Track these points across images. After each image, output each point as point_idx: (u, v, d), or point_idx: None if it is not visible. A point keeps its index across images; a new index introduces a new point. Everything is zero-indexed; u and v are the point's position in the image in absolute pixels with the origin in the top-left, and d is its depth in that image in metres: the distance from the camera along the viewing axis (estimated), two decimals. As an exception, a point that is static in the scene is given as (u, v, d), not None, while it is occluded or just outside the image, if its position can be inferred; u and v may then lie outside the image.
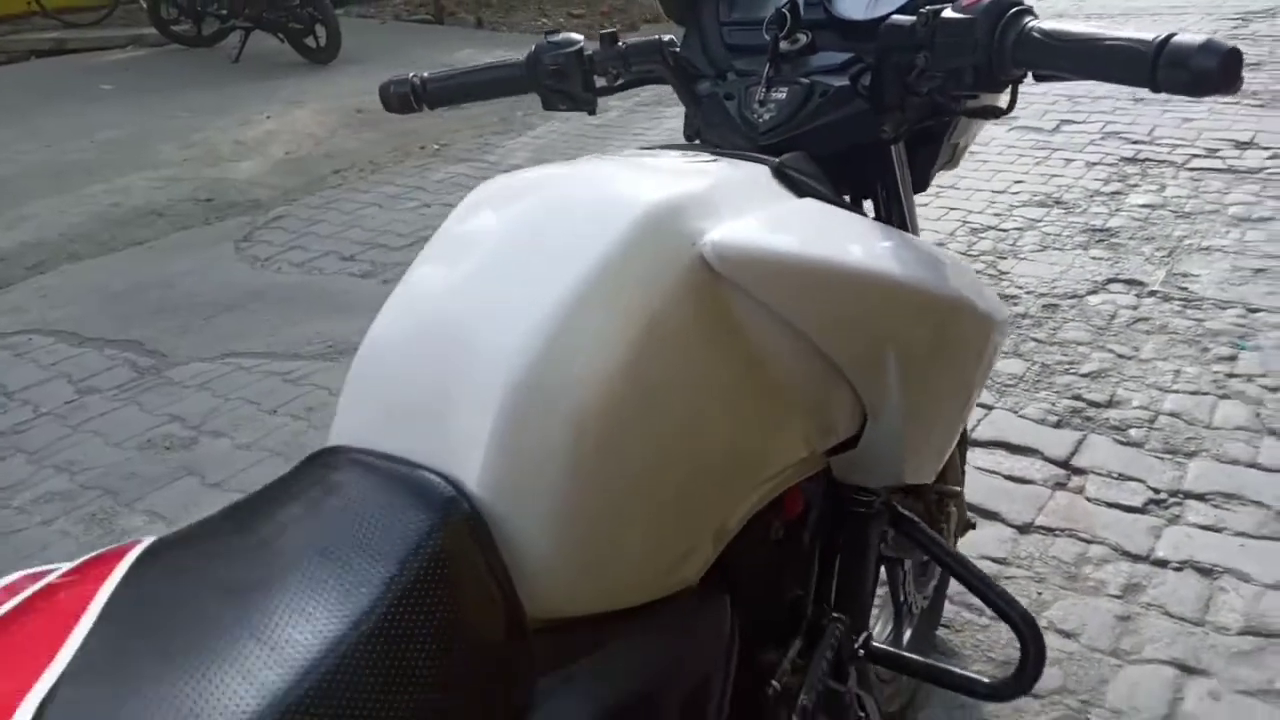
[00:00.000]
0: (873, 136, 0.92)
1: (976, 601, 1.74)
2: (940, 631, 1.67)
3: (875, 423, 0.85)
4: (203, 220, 4.23)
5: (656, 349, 0.67)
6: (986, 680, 1.04)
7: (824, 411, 0.82)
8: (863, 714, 1.00)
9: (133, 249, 3.93)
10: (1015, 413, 2.29)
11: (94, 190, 4.52)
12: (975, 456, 2.13)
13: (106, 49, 7.61)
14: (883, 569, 1.30)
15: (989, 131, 4.34)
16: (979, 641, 1.66)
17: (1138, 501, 1.96)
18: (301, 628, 0.50)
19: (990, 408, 2.31)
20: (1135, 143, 4.15)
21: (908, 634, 1.53)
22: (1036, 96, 4.83)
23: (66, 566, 0.54)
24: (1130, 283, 2.90)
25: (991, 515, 1.94)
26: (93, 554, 0.55)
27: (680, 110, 1.15)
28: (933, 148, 1.03)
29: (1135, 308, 2.75)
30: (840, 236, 0.79)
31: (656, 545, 0.69)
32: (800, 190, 0.85)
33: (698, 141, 1.10)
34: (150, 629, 0.49)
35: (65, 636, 0.47)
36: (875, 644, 1.04)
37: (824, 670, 0.93)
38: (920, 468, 0.93)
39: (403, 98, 1.18)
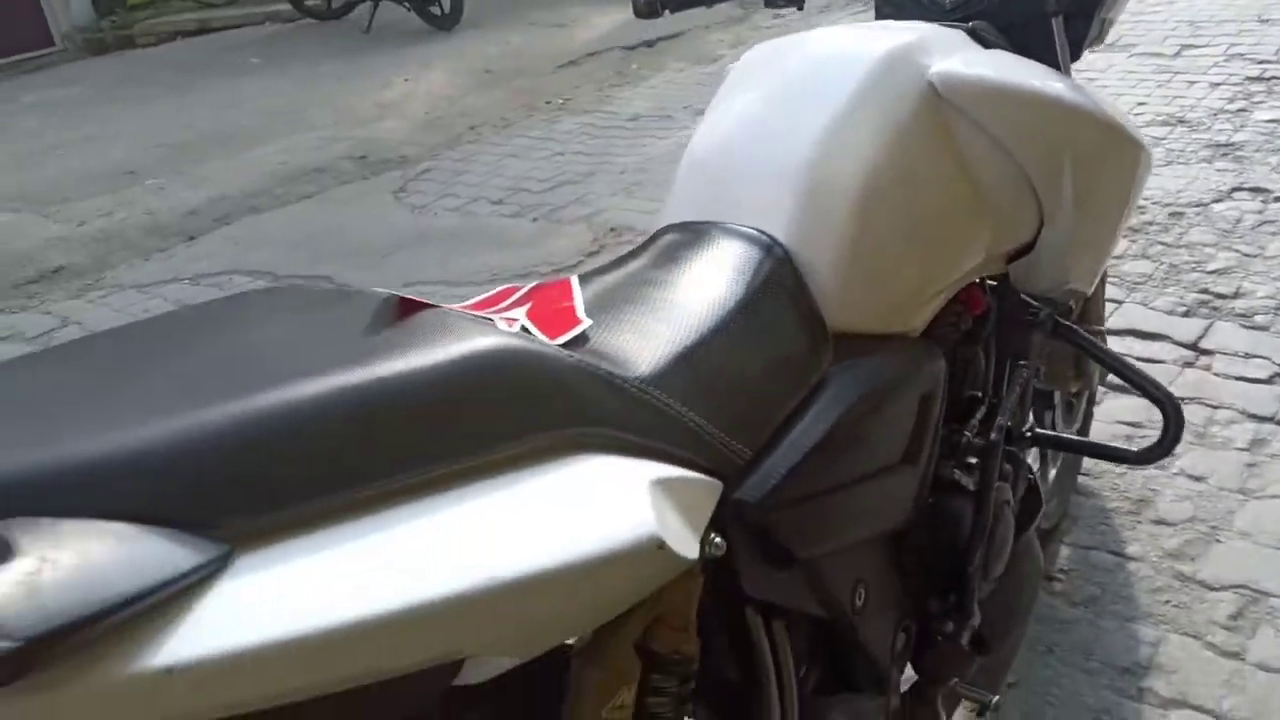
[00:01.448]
0: (1038, 10, 1.17)
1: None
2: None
3: (1051, 226, 1.10)
4: (360, 175, 4.62)
5: (901, 147, 0.95)
6: (1135, 450, 1.29)
7: (1012, 213, 1.08)
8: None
9: (303, 202, 4.35)
10: (1145, 305, 2.47)
11: (261, 152, 4.96)
12: (1107, 342, 2.32)
13: (245, 26, 8.13)
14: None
15: (1108, 58, 4.42)
16: (1115, 485, 1.88)
17: (1263, 375, 2.13)
18: (695, 311, 0.79)
19: (1120, 302, 2.49)
20: (1261, 62, 4.17)
21: (1053, 472, 1.77)
22: (1157, 23, 4.86)
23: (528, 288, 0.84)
24: (1256, 190, 3.01)
25: (1124, 390, 2.14)
26: (541, 284, 0.84)
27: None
28: (1085, 21, 1.26)
29: (1261, 212, 2.87)
30: (1033, 72, 1.06)
31: (907, 285, 0.97)
32: (989, 47, 1.11)
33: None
34: (607, 310, 0.79)
35: (570, 300, 0.78)
36: (1039, 430, 1.29)
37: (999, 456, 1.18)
38: (1082, 273, 1.17)
39: (650, 4, 1.45)
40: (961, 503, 1.08)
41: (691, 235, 0.92)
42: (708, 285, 0.84)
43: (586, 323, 0.74)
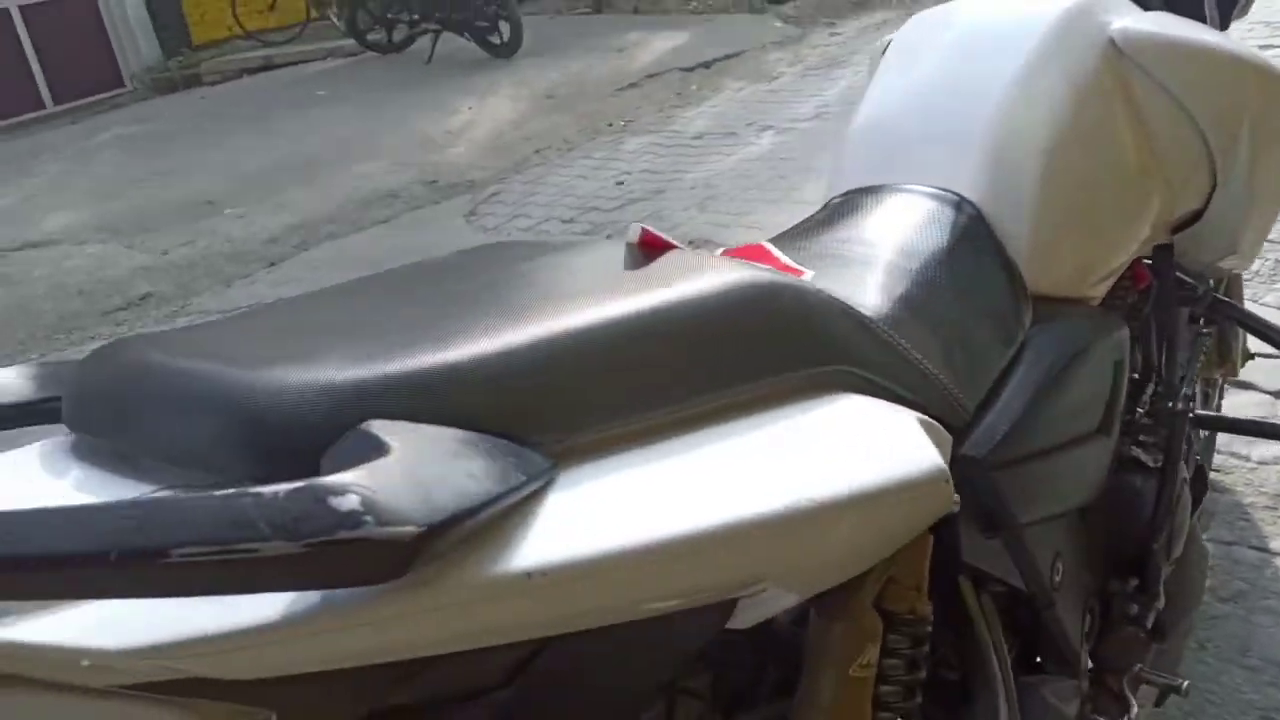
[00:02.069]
0: None
1: (1242, 449, 1.91)
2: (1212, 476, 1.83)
3: (1223, 189, 1.07)
4: (431, 200, 4.69)
5: (1085, 105, 0.94)
6: None
7: (1185, 177, 1.05)
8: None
9: (378, 226, 4.42)
10: (1255, 301, 2.40)
11: (335, 179, 5.05)
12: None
13: (308, 62, 8.32)
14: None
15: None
16: (1249, 480, 1.82)
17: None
18: (908, 266, 0.78)
19: (1228, 298, 2.43)
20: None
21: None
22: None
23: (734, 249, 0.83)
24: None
25: (1247, 385, 2.08)
26: (742, 246, 0.84)
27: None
28: None
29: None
30: (1208, 31, 1.04)
31: (1093, 249, 0.95)
32: (1149, 9, 1.09)
33: None
34: (819, 267, 0.79)
35: (773, 256, 0.77)
36: (1200, 411, 1.25)
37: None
38: (1248, 244, 1.14)
39: None
40: (1145, 480, 1.05)
41: (875, 197, 0.91)
42: (910, 239, 0.83)
43: (809, 273, 0.74)
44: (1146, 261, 1.22)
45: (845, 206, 0.93)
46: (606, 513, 0.47)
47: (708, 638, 0.55)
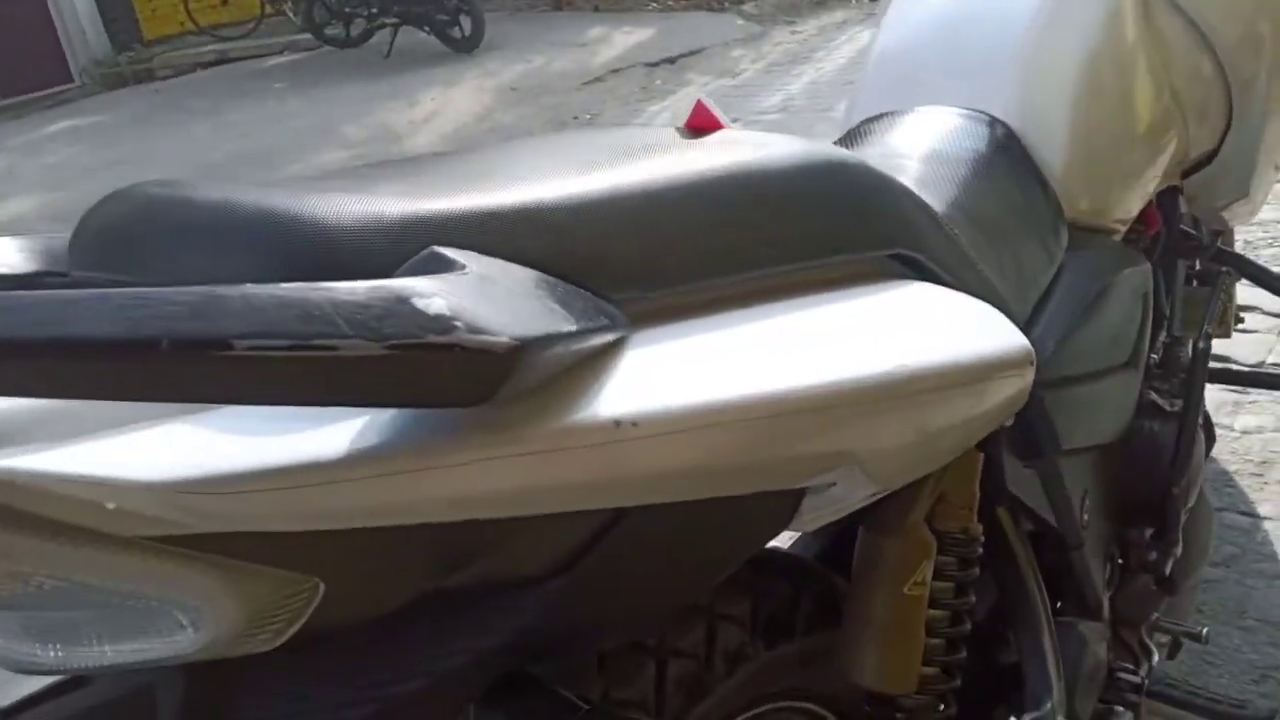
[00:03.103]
0: None
1: (1226, 419, 1.91)
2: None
3: (1238, 128, 1.05)
4: (394, 189, 4.61)
5: (1115, 29, 0.92)
6: None
7: (1202, 111, 1.03)
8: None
9: (341, 215, 4.32)
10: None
11: (294, 169, 4.94)
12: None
13: (264, 56, 8.17)
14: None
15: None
16: (1234, 449, 1.83)
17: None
18: (951, 178, 0.75)
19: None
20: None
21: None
22: None
23: None
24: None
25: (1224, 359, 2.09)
26: None
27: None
28: None
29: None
30: None
31: (1122, 178, 0.92)
32: None
33: None
34: None
35: None
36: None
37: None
38: (1258, 192, 1.13)
39: None
40: (1164, 423, 1.03)
41: (903, 119, 0.88)
42: (946, 150, 0.80)
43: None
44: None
45: (868, 128, 0.90)
46: (692, 371, 0.43)
47: (773, 535, 0.51)
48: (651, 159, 0.52)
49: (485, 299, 0.34)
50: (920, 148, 0.81)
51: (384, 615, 0.38)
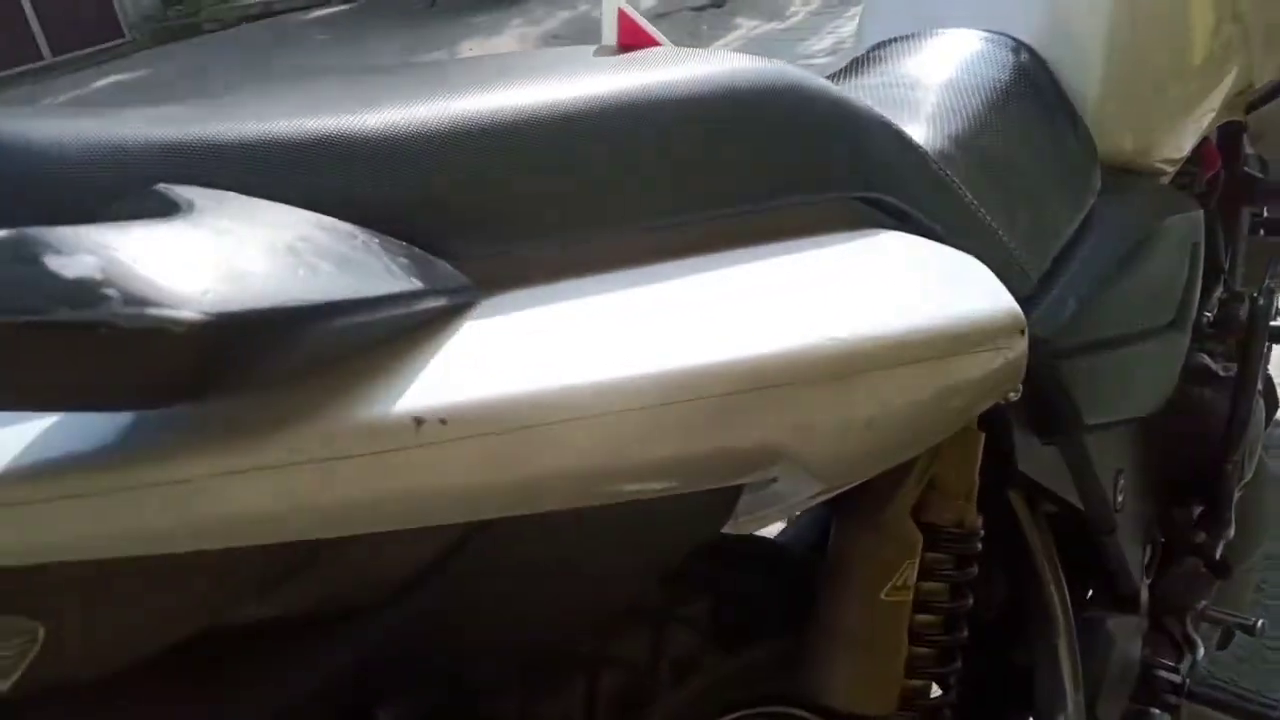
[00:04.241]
0: None
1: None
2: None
3: None
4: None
5: None
6: None
7: (1269, 38, 0.89)
8: None
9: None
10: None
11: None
12: None
13: (309, 8, 8.12)
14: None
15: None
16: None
17: None
18: (962, 105, 0.64)
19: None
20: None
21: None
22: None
23: None
24: None
25: None
26: None
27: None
28: None
29: None
30: None
31: (1167, 113, 0.80)
32: None
33: None
34: None
35: None
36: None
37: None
38: None
39: None
40: (1216, 390, 0.91)
41: (915, 42, 0.76)
42: (962, 79, 0.68)
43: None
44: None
45: (878, 54, 0.79)
46: (549, 346, 0.33)
47: (695, 543, 0.42)
48: (549, 81, 0.42)
49: (194, 253, 0.25)
50: (928, 77, 0.69)
51: (154, 657, 0.30)
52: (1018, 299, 0.59)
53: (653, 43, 0.51)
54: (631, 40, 0.51)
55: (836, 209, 0.46)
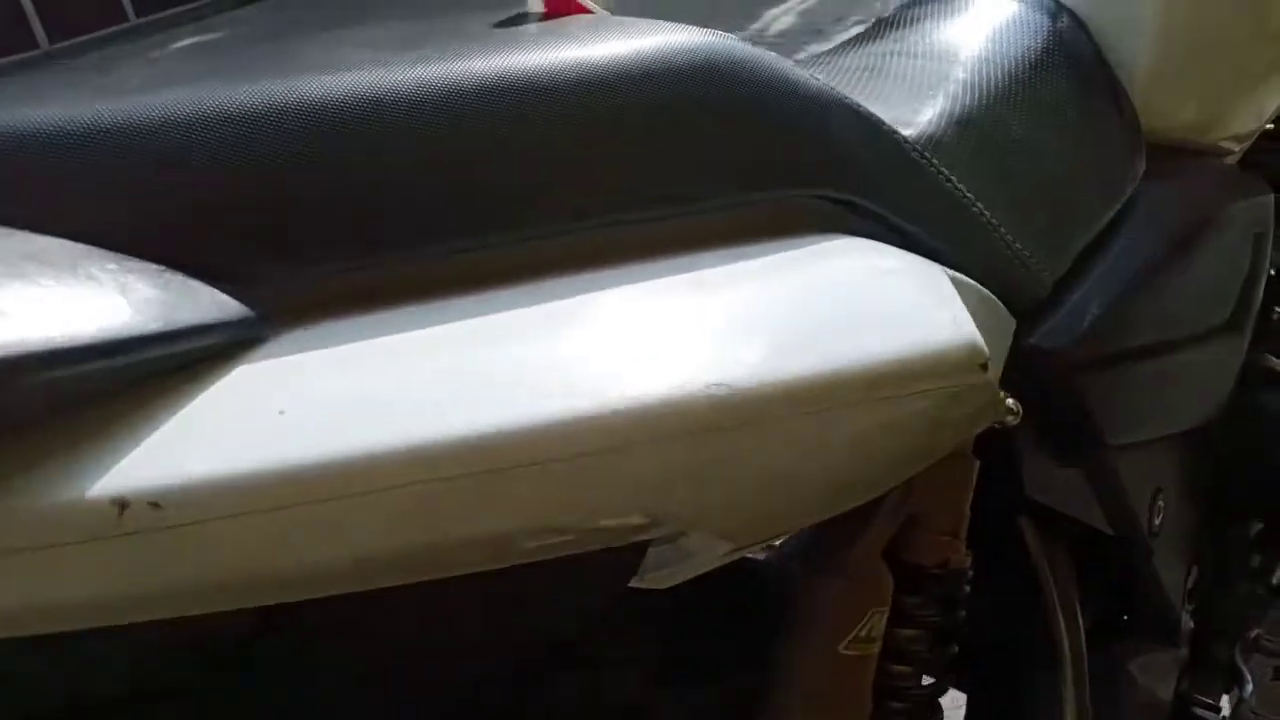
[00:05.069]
0: None
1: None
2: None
3: None
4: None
5: None
6: None
7: None
8: None
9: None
10: None
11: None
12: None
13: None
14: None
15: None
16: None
17: None
18: (974, 76, 0.56)
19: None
20: None
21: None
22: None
23: None
24: None
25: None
26: None
27: None
28: None
29: None
30: None
31: (1233, 83, 0.70)
32: None
33: None
34: (841, 77, 0.57)
35: None
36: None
37: None
38: None
39: None
40: None
41: (946, 5, 0.67)
42: (984, 50, 0.59)
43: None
44: None
45: (902, 16, 0.70)
46: (335, 398, 0.27)
47: (591, 613, 0.36)
48: (429, 58, 0.35)
49: None
50: (948, 46, 0.61)
51: None
52: (1026, 306, 0.52)
53: (582, 10, 0.45)
54: (559, 7, 0.44)
55: (787, 211, 0.39)
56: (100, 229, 0.28)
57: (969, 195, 0.47)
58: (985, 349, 0.35)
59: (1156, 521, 0.68)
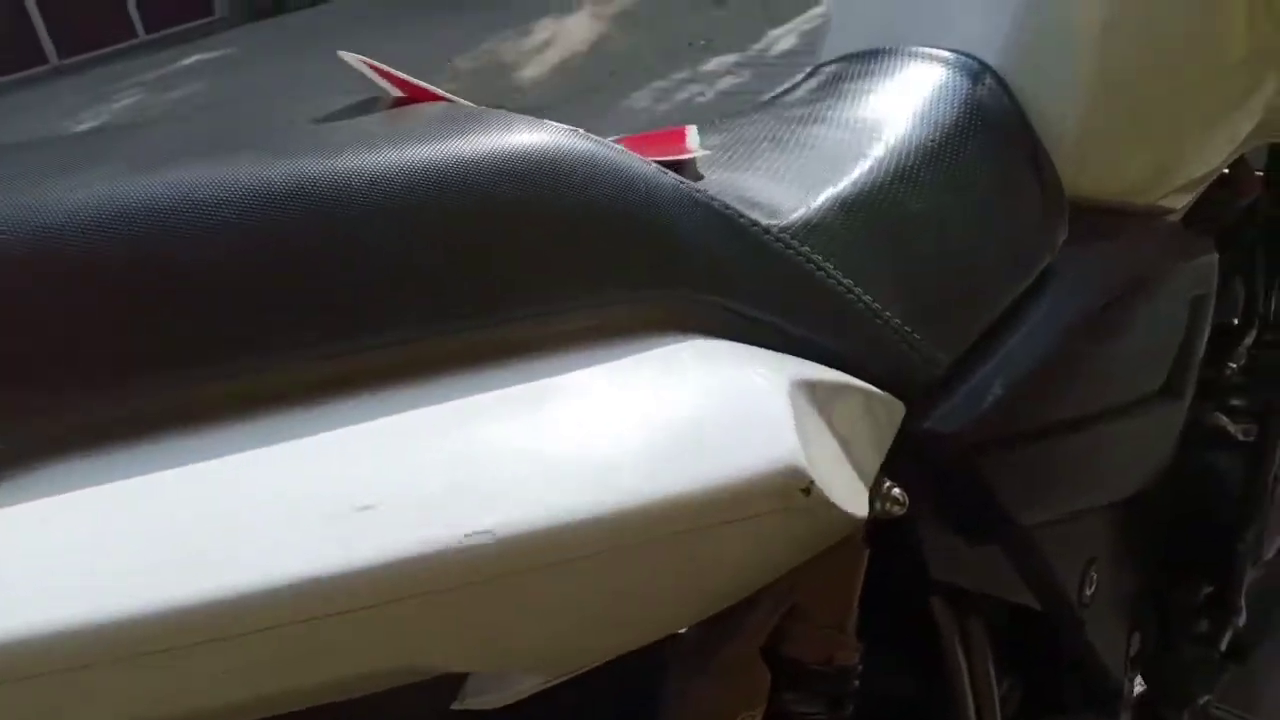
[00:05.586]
0: None
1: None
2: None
3: None
4: (496, 123, 4.51)
5: None
6: None
7: None
8: None
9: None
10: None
11: (400, 103, 4.92)
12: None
13: (391, -15, 8.17)
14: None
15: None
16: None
17: None
18: (874, 148, 0.54)
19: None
20: None
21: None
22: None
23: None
24: None
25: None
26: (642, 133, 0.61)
27: None
28: None
29: None
30: None
31: (1170, 140, 0.68)
32: None
33: None
34: (740, 147, 0.55)
35: (682, 141, 0.53)
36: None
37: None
38: None
39: None
40: (1230, 458, 0.79)
41: (863, 63, 0.65)
42: (890, 117, 0.57)
43: (697, 153, 0.50)
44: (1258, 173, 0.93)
45: (818, 76, 0.69)
46: (52, 553, 0.26)
47: None
48: (233, 155, 0.34)
49: None
50: (851, 111, 0.59)
51: None
52: (919, 389, 0.50)
53: (435, 98, 0.43)
54: (414, 93, 0.43)
55: (643, 314, 0.38)
56: None
57: (844, 282, 0.46)
58: (807, 472, 0.33)
59: (1088, 593, 0.66)
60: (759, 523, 0.33)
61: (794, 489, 0.33)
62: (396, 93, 0.46)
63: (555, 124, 0.41)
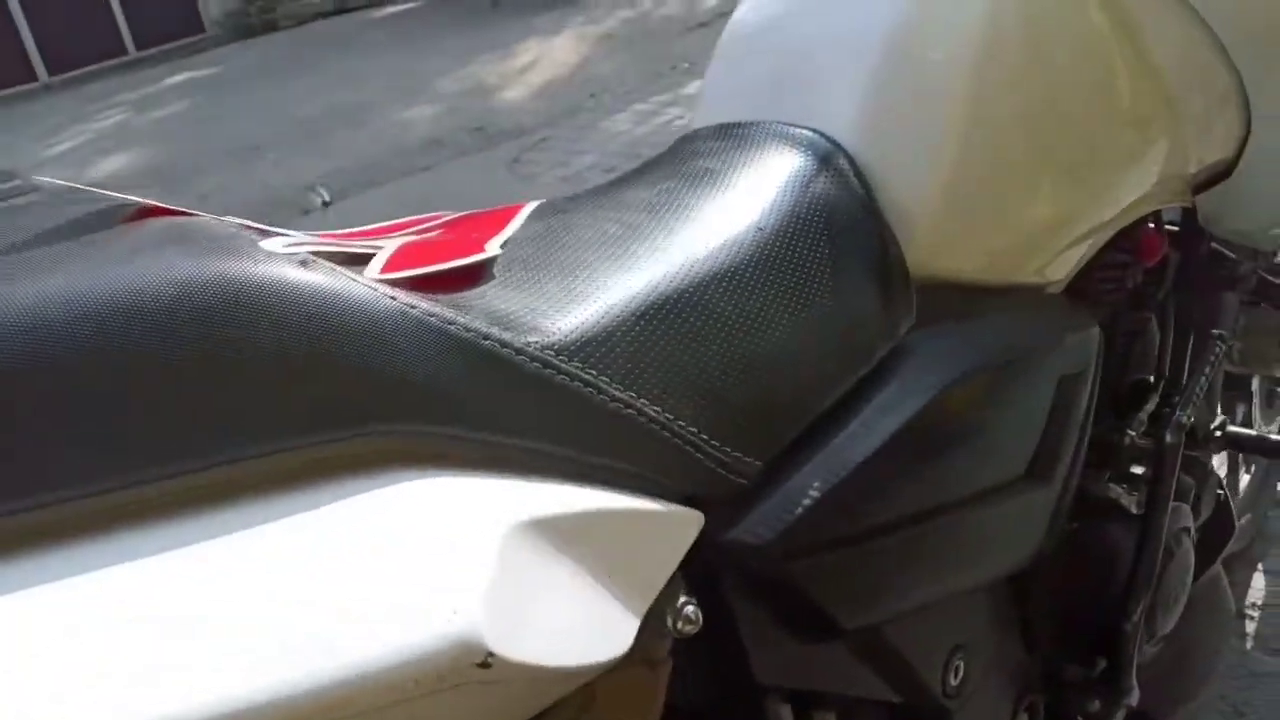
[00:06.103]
0: None
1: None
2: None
3: (1259, 133, 0.76)
4: (477, 148, 4.50)
5: (1032, 7, 0.64)
6: None
7: (1205, 114, 0.75)
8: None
9: (421, 174, 4.26)
10: None
11: (382, 125, 4.90)
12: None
13: (381, 5, 8.20)
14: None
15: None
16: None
17: None
18: (690, 242, 0.52)
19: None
20: None
21: (1245, 481, 1.39)
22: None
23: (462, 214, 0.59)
24: None
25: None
26: (484, 210, 0.59)
27: None
28: None
29: None
30: None
31: (1038, 215, 0.67)
32: None
33: None
34: (552, 239, 0.53)
35: (498, 230, 0.52)
36: (1232, 428, 0.94)
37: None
38: None
39: None
40: (1120, 531, 0.77)
41: (719, 140, 0.64)
42: (724, 210, 0.56)
43: (489, 253, 0.48)
44: (1172, 227, 0.92)
45: (672, 154, 0.67)
46: None
47: None
48: None
49: None
50: (685, 195, 0.58)
51: None
52: (722, 498, 0.48)
53: (177, 214, 0.41)
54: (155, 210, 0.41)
55: (372, 452, 0.36)
56: None
57: (621, 396, 0.44)
58: (484, 645, 0.31)
59: (954, 681, 0.64)
60: (438, 700, 0.31)
61: (465, 664, 0.31)
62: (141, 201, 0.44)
63: (273, 251, 0.38)
